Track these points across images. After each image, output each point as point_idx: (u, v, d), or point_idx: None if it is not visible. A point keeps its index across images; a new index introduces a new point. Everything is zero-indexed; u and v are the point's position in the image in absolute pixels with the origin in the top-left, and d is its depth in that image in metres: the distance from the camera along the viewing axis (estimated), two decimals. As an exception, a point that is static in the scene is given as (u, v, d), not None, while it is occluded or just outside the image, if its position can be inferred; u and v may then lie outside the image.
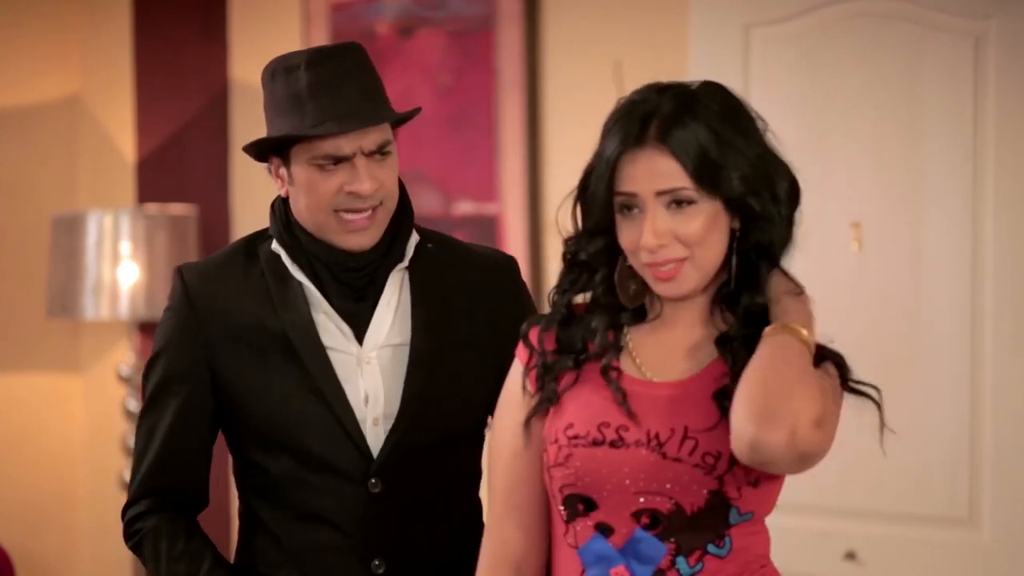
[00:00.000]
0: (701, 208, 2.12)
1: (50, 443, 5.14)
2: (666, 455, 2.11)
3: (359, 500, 2.50)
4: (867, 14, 3.89)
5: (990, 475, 3.77)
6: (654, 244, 2.12)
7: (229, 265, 2.58)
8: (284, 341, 2.50)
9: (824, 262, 3.93)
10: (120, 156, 5.09)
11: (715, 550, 2.13)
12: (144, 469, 2.57)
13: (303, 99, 2.46)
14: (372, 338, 2.53)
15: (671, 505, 2.10)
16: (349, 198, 2.46)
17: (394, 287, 2.56)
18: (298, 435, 2.49)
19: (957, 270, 3.79)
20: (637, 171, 2.13)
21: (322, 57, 2.48)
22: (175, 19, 5.00)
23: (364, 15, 4.63)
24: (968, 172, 3.78)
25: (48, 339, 5.11)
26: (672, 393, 2.15)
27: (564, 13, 4.37)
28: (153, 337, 2.61)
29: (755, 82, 3.99)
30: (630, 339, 2.22)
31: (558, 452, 2.16)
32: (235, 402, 2.53)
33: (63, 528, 5.17)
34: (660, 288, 2.16)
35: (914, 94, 3.83)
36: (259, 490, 2.56)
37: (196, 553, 2.54)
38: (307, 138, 2.45)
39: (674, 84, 2.18)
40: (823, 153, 3.92)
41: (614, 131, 2.15)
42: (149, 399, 2.57)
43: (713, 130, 2.12)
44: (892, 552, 3.89)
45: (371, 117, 2.46)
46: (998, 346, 3.76)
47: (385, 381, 2.52)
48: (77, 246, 4.72)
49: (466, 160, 4.41)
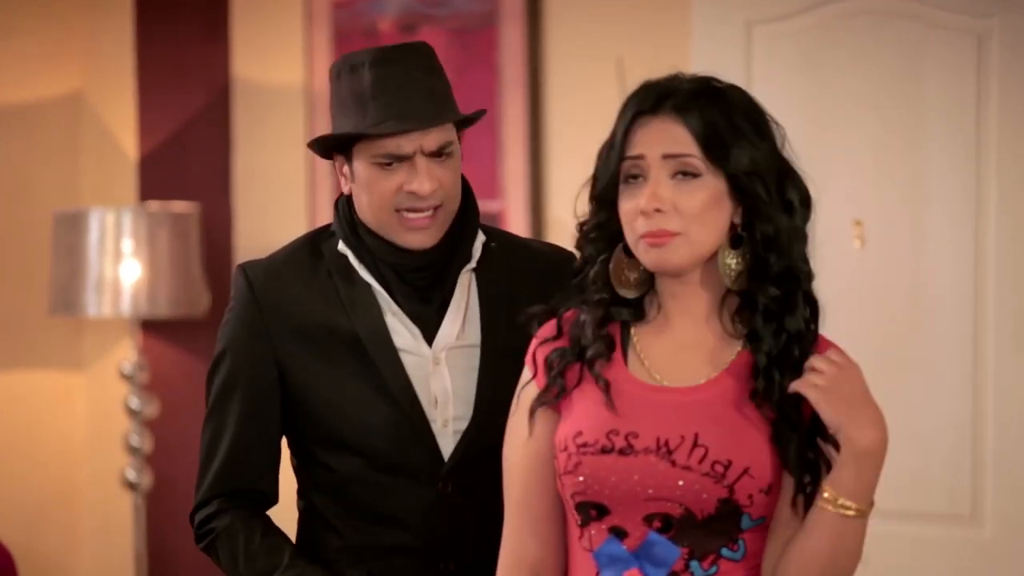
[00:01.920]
0: (705, 183, 2.12)
1: (52, 441, 5.14)
2: (675, 463, 2.09)
3: (429, 502, 2.49)
4: (869, 11, 3.89)
5: (992, 472, 3.77)
6: (653, 206, 2.10)
7: (294, 263, 2.56)
8: (355, 343, 2.49)
9: (826, 260, 3.91)
10: (122, 153, 5.09)
11: (729, 553, 2.12)
12: (214, 469, 2.54)
13: (366, 98, 2.45)
14: (442, 340, 2.52)
15: (682, 510, 2.10)
16: (409, 197, 2.45)
17: (462, 288, 2.55)
18: (368, 437, 2.48)
19: (959, 268, 3.79)
20: (648, 135, 2.13)
21: (387, 56, 2.47)
22: (177, 16, 5.00)
23: (366, 13, 4.63)
24: (970, 169, 3.78)
25: (50, 336, 5.11)
26: (684, 399, 2.14)
27: (566, 11, 4.37)
28: (217, 336, 2.58)
29: (757, 79, 3.99)
30: (637, 340, 2.21)
31: (568, 460, 2.15)
32: (302, 401, 2.51)
33: (65, 526, 5.17)
34: (650, 256, 2.13)
35: (916, 92, 3.83)
36: (324, 488, 2.55)
37: (274, 548, 2.51)
38: (368, 137, 2.44)
39: (702, 76, 2.20)
40: (825, 150, 3.92)
41: (631, 104, 2.16)
42: (216, 398, 2.55)
43: (728, 116, 2.14)
44: (894, 549, 3.89)
45: (432, 117, 2.45)
46: (1000, 343, 3.76)
47: (455, 383, 2.51)
48: (79, 243, 4.71)
49: (468, 157, 4.38)
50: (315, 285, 2.53)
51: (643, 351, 2.19)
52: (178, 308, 4.74)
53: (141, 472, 4.81)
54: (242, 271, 2.56)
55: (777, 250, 2.15)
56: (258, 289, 2.53)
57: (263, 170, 4.86)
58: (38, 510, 5.10)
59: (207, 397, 2.58)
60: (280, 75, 4.80)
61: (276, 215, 4.81)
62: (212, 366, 2.57)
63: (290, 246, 2.62)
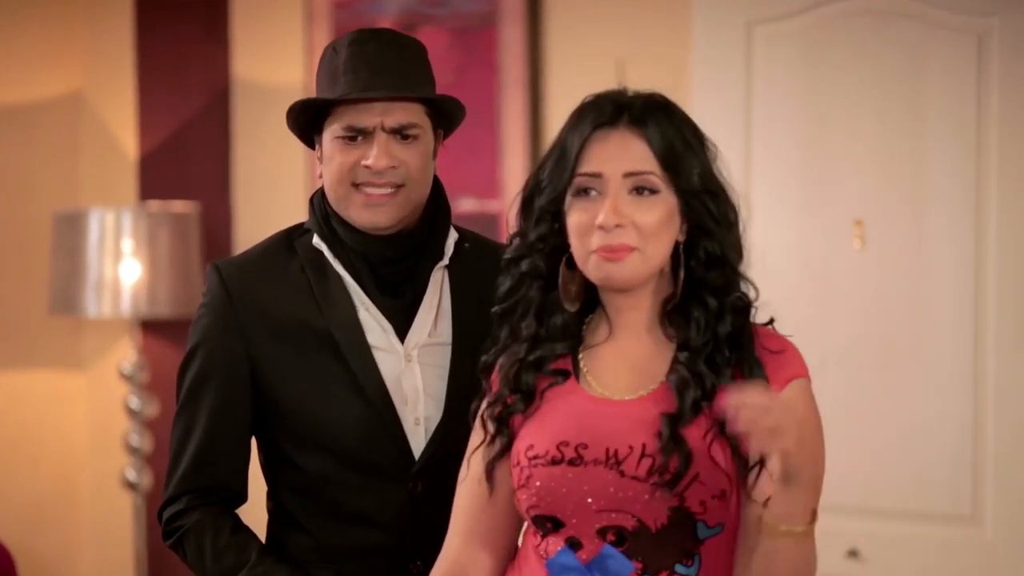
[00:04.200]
0: (662, 199, 2.13)
1: (52, 441, 5.14)
2: (624, 473, 2.09)
3: (400, 501, 2.49)
4: (870, 11, 3.89)
5: (993, 472, 3.77)
6: (613, 221, 2.10)
7: (267, 260, 2.56)
8: (328, 339, 2.48)
9: (826, 259, 3.93)
10: (122, 153, 5.09)
11: (683, 569, 2.11)
12: (183, 467, 2.53)
13: (338, 74, 2.46)
14: (414, 337, 2.51)
15: (635, 522, 2.10)
16: (365, 172, 2.45)
17: (435, 285, 2.54)
18: (340, 434, 2.47)
19: (960, 267, 3.79)
20: (607, 151, 2.14)
21: (364, 37, 2.49)
22: (177, 16, 5.00)
23: (366, 12, 4.63)
24: (971, 169, 3.78)
25: (50, 336, 5.10)
26: (630, 411, 2.14)
27: (567, 11, 4.36)
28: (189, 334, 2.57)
29: (757, 79, 3.99)
30: (583, 362, 2.21)
31: (520, 474, 2.16)
32: (274, 399, 2.50)
33: (65, 526, 5.17)
34: (604, 270, 2.13)
35: (917, 91, 3.83)
36: (294, 488, 2.54)
37: (242, 546, 2.50)
38: (333, 110, 2.45)
39: (648, 91, 2.20)
40: (825, 150, 3.91)
41: (584, 116, 2.16)
42: (185, 396, 2.54)
43: (679, 129, 2.15)
44: (895, 550, 3.89)
45: (392, 89, 2.45)
46: (1001, 343, 3.76)
47: (426, 381, 2.51)
48: (79, 243, 4.71)
49: (468, 158, 4.40)
50: (288, 282, 2.52)
51: (589, 367, 2.21)
52: (178, 308, 4.74)
53: (141, 472, 4.81)
54: (215, 268, 2.55)
55: (719, 265, 2.16)
56: (231, 287, 2.51)
57: (263, 170, 4.86)
58: (38, 510, 5.09)
59: (177, 394, 2.57)
60: (280, 75, 4.80)
61: (276, 215, 4.80)
62: (183, 363, 2.55)
63: (263, 244, 2.61)
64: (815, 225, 3.94)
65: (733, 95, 4.00)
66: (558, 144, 2.18)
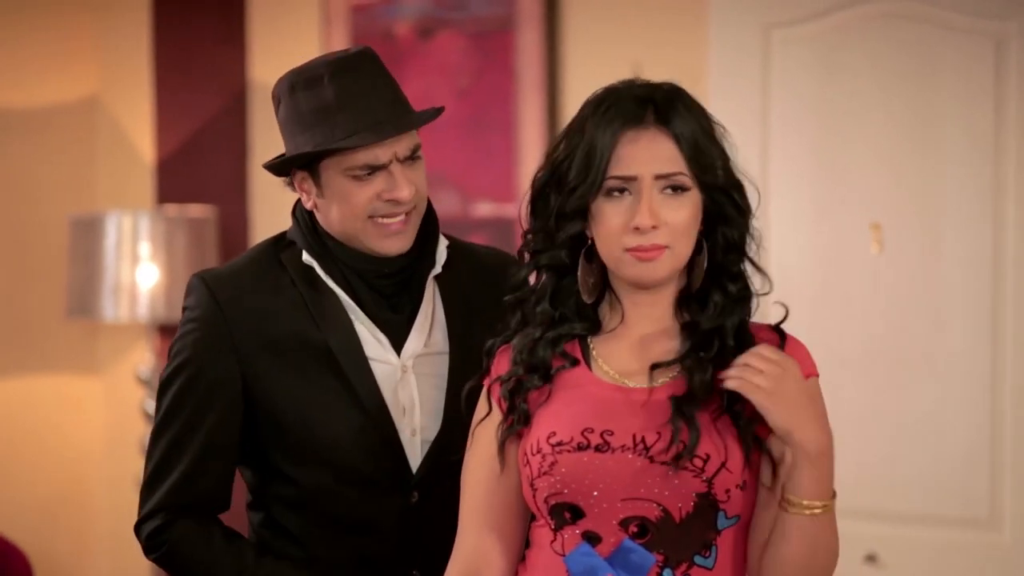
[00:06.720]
0: (690, 197, 2.15)
1: (68, 444, 5.15)
2: (653, 459, 2.09)
3: (397, 511, 2.48)
4: (887, 15, 3.88)
5: (1010, 476, 3.76)
6: (650, 223, 2.11)
7: (254, 274, 2.52)
8: (326, 353, 2.46)
9: (843, 263, 3.93)
10: (139, 157, 5.10)
11: (701, 561, 2.12)
12: (170, 482, 2.49)
13: (331, 111, 2.42)
14: (410, 348, 2.50)
15: (659, 512, 2.09)
16: (387, 204, 2.43)
17: (428, 295, 2.53)
18: (338, 447, 2.45)
19: (977, 271, 3.79)
20: (638, 152, 2.14)
21: (344, 67, 2.44)
22: (194, 19, 5.01)
23: (384, 16, 4.63)
24: (988, 173, 3.77)
25: (66, 340, 5.12)
26: (652, 398, 2.14)
27: (584, 14, 4.37)
28: (171, 345, 2.52)
29: (774, 83, 3.99)
30: (594, 347, 2.22)
31: (542, 461, 2.14)
32: (271, 414, 2.47)
33: (80, 529, 5.18)
34: (638, 270, 2.14)
35: (934, 95, 3.82)
36: (285, 501, 2.51)
37: (237, 550, 2.48)
38: (341, 150, 2.41)
39: (665, 82, 2.21)
40: (842, 153, 3.91)
41: (609, 114, 2.16)
42: (174, 409, 2.48)
43: (701, 123, 2.17)
44: (912, 554, 3.88)
45: (405, 123, 2.43)
46: (1018, 347, 3.75)
47: (422, 392, 2.50)
48: (96, 247, 4.72)
49: (485, 162, 4.41)
50: (281, 296, 2.49)
51: (604, 357, 2.20)
52: (195, 312, 4.74)
53: (157, 475, 4.81)
54: (202, 282, 2.50)
55: (738, 252, 2.19)
56: (223, 302, 2.47)
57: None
58: (54, 513, 5.10)
59: (158, 406, 2.51)
60: (297, 79, 4.80)
61: (292, 219, 4.81)
62: (169, 375, 2.49)
63: (247, 257, 2.57)
64: (832, 228, 3.94)
65: (750, 99, 4.00)
66: (584, 142, 2.16)
